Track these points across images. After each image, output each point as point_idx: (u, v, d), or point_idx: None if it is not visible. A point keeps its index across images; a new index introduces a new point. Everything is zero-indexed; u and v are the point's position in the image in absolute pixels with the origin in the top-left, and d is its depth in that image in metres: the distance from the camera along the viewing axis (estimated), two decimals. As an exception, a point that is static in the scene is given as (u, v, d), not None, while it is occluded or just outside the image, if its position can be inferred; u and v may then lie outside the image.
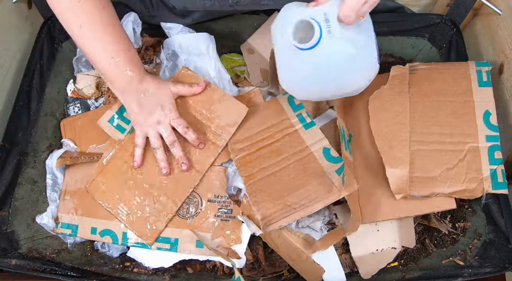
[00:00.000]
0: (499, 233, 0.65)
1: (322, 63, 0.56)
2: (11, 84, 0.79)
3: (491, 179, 0.64)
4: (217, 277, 0.69)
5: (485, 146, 0.66)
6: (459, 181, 0.65)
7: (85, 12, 0.61)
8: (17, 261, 0.64)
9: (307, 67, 0.57)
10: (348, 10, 0.50)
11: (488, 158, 0.66)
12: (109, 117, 0.73)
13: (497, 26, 0.76)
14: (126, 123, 0.73)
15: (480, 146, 0.66)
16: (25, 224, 0.70)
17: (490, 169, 0.65)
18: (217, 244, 0.68)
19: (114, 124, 0.73)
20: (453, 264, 0.66)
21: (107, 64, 0.64)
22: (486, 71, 0.70)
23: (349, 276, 0.68)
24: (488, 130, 0.67)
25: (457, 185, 0.65)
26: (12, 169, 0.70)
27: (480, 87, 0.69)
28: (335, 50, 0.54)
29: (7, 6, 0.78)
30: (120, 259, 0.71)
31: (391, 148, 0.67)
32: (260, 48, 0.86)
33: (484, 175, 0.65)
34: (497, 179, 0.65)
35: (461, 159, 0.66)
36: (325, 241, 0.65)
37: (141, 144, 0.68)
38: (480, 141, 0.66)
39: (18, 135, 0.73)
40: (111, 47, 0.64)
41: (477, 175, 0.65)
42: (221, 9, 0.78)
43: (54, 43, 0.83)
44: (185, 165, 0.68)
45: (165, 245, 0.68)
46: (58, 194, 0.73)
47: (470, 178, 0.65)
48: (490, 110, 0.68)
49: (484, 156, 0.66)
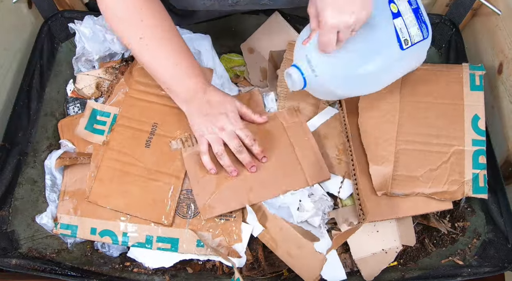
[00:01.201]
0: (498, 233, 0.65)
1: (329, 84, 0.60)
2: (11, 84, 0.79)
3: (472, 183, 0.65)
4: (216, 276, 0.69)
5: (470, 150, 0.67)
6: (441, 183, 0.65)
7: (147, 24, 0.62)
8: (17, 260, 0.64)
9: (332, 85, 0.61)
10: (323, 46, 0.53)
11: (472, 162, 0.66)
12: (84, 124, 0.74)
13: (496, 26, 0.77)
14: (102, 125, 0.75)
15: (466, 149, 0.67)
16: (25, 223, 0.70)
17: (472, 173, 0.66)
18: (218, 243, 0.68)
19: (91, 130, 0.74)
20: (452, 264, 0.66)
21: (170, 74, 0.65)
22: (479, 75, 0.71)
23: (349, 276, 0.68)
24: (475, 134, 0.67)
25: (439, 186, 0.65)
26: (12, 169, 0.70)
27: (472, 91, 0.70)
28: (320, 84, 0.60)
29: (7, 6, 0.78)
30: (120, 259, 0.71)
31: (377, 145, 0.67)
32: (260, 48, 0.86)
33: (466, 179, 0.65)
34: (478, 184, 0.65)
35: (445, 161, 0.67)
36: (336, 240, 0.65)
37: (206, 150, 0.67)
38: (466, 145, 0.67)
39: (18, 135, 0.73)
40: (174, 56, 0.64)
41: (459, 178, 0.65)
42: (221, 9, 0.78)
43: (54, 43, 0.83)
44: (254, 168, 0.68)
45: (165, 245, 0.68)
46: (57, 194, 0.73)
47: (452, 180, 0.65)
48: (479, 114, 0.68)
49: (468, 160, 0.66)
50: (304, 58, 0.59)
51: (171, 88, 0.67)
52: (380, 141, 0.68)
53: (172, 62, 0.65)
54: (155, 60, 0.65)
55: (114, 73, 0.80)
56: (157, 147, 0.72)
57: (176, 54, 0.65)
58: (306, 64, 0.59)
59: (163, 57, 0.64)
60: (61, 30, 0.83)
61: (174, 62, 0.65)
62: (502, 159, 0.73)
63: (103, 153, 0.71)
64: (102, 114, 0.76)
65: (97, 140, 0.74)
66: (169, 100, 0.74)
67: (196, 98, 0.66)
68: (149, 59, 0.65)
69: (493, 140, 0.71)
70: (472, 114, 0.68)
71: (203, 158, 0.67)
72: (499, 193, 0.66)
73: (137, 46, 0.64)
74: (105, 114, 0.76)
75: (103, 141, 0.73)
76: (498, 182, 0.67)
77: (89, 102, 0.77)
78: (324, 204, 0.70)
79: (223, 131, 0.66)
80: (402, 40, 0.60)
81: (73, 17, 0.81)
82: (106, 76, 0.80)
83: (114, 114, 0.75)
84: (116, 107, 0.76)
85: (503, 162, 0.72)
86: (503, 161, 0.72)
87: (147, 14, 0.63)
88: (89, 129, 0.74)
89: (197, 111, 0.66)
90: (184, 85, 0.66)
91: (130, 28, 0.64)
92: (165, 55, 0.64)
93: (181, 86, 0.66)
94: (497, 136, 0.74)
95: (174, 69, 0.65)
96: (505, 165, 0.72)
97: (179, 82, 0.66)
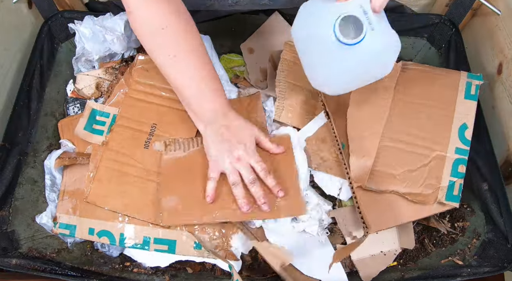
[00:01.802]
0: (498, 233, 0.65)
1: (365, 54, 0.57)
2: (11, 84, 0.79)
3: (447, 190, 0.65)
4: (216, 277, 0.69)
5: (452, 158, 0.67)
6: (417, 185, 0.66)
7: (171, 40, 0.61)
8: (17, 260, 0.64)
9: (350, 61, 0.58)
10: (379, 4, 0.53)
11: (451, 169, 0.66)
12: (83, 125, 0.74)
13: (496, 26, 0.77)
14: (101, 125, 0.74)
15: (447, 156, 0.67)
16: (25, 223, 0.70)
17: (449, 180, 0.66)
18: (215, 245, 0.68)
19: (90, 130, 0.74)
20: (452, 264, 0.66)
21: (193, 93, 0.63)
22: (476, 84, 0.70)
23: (349, 276, 0.68)
24: (460, 143, 0.68)
25: (414, 187, 0.65)
26: (12, 169, 0.70)
27: (465, 99, 0.70)
28: (374, 40, 0.56)
29: (8, 6, 0.78)
30: (120, 258, 0.71)
31: (361, 138, 0.67)
32: (260, 48, 0.86)
33: (441, 185, 0.66)
34: (453, 192, 0.66)
35: (425, 164, 0.67)
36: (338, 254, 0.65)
37: (215, 177, 0.65)
38: (448, 151, 0.67)
39: (18, 135, 0.73)
40: (200, 75, 0.63)
41: (435, 183, 0.66)
42: (221, 9, 0.78)
43: (54, 43, 0.83)
44: (265, 206, 0.64)
45: (163, 246, 0.67)
46: (56, 194, 0.73)
47: (427, 184, 0.66)
48: (468, 124, 0.68)
49: (448, 167, 0.66)
50: (358, 8, 0.55)
51: (191, 107, 0.66)
52: (365, 134, 0.68)
53: (196, 82, 0.63)
54: (180, 75, 0.63)
55: (114, 73, 0.81)
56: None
57: (202, 73, 0.63)
58: (363, 15, 0.55)
59: (188, 76, 0.63)
60: (61, 30, 0.83)
61: (199, 82, 0.63)
62: (502, 159, 0.73)
63: (102, 153, 0.71)
64: (101, 114, 0.76)
65: (96, 141, 0.74)
66: (168, 101, 0.74)
67: (215, 121, 0.64)
68: (174, 74, 0.63)
69: (493, 140, 0.71)
70: (461, 122, 0.69)
71: (210, 183, 0.65)
72: (499, 193, 0.66)
73: (164, 59, 0.63)
74: (104, 114, 0.76)
75: (102, 142, 0.73)
76: (498, 182, 0.67)
77: (89, 102, 0.77)
78: (320, 212, 0.69)
79: (239, 161, 0.64)
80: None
81: (73, 17, 0.81)
82: (106, 76, 0.81)
83: (114, 114, 0.75)
84: (115, 108, 0.76)
85: (503, 162, 0.72)
86: (503, 161, 0.72)
87: (179, 30, 0.62)
88: (88, 129, 0.74)
89: (214, 134, 0.64)
90: (205, 107, 0.64)
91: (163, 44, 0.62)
92: (191, 73, 0.63)
93: (201, 107, 0.65)
94: (497, 136, 0.74)
95: (198, 89, 0.63)
96: (505, 165, 0.72)
97: (201, 102, 0.64)
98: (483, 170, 0.69)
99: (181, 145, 0.70)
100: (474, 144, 0.70)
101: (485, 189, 0.68)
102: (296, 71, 0.78)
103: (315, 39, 0.58)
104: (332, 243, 0.70)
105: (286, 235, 0.68)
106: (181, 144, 0.71)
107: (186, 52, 0.62)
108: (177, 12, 0.62)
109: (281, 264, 0.63)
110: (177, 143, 0.71)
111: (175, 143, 0.71)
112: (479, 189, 0.69)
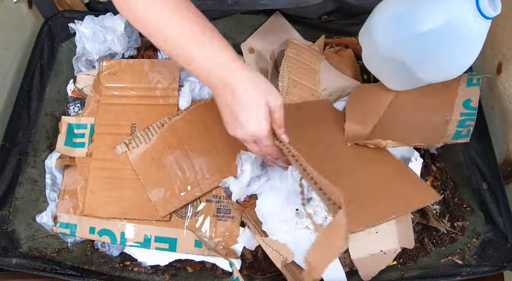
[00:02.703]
0: (498, 232, 0.65)
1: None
2: (12, 83, 0.79)
3: (457, 124, 0.64)
4: (216, 276, 0.70)
5: (457, 119, 0.66)
6: (424, 124, 0.66)
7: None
8: (17, 260, 0.64)
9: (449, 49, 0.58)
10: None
11: (461, 109, 0.66)
12: (63, 141, 0.74)
13: (496, 25, 0.77)
14: (81, 138, 0.74)
15: (453, 118, 0.66)
16: (26, 223, 0.70)
17: (460, 113, 0.65)
18: (216, 243, 0.68)
19: (71, 144, 0.74)
20: (451, 263, 0.66)
21: (198, 46, 0.51)
22: (477, 78, 0.71)
23: (348, 275, 0.68)
24: (464, 109, 0.66)
25: (420, 131, 0.65)
26: (13, 169, 0.70)
27: (468, 87, 0.70)
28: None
29: (8, 6, 0.78)
30: (120, 258, 0.71)
31: (362, 112, 0.69)
32: (260, 48, 0.86)
33: (452, 117, 0.64)
34: (462, 131, 0.63)
35: (433, 112, 0.66)
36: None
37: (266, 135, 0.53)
38: (454, 115, 0.66)
39: (18, 135, 0.73)
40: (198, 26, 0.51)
41: (446, 116, 0.65)
42: (221, 9, 0.78)
43: (55, 43, 0.83)
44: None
45: (164, 245, 0.68)
46: (57, 193, 0.73)
47: (436, 120, 0.65)
48: (473, 99, 0.67)
49: (457, 108, 0.66)
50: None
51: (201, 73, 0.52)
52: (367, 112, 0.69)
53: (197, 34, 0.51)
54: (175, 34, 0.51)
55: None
56: None
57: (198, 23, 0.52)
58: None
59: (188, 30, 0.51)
60: (62, 30, 0.83)
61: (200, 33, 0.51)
62: (501, 159, 0.73)
63: (88, 165, 0.71)
64: (78, 127, 0.75)
65: (80, 154, 0.73)
66: (143, 99, 0.74)
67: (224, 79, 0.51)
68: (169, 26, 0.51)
69: (493, 139, 0.71)
70: (465, 98, 0.68)
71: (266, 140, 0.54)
72: (498, 193, 0.66)
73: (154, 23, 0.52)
74: (81, 126, 0.75)
75: (86, 153, 0.73)
76: (497, 181, 0.67)
77: (64, 118, 0.76)
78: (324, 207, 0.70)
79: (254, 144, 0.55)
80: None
81: (73, 17, 0.81)
82: (106, 76, 0.81)
83: (91, 124, 0.75)
84: (91, 117, 0.75)
85: (502, 161, 0.73)
86: (502, 161, 0.73)
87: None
88: (69, 144, 0.74)
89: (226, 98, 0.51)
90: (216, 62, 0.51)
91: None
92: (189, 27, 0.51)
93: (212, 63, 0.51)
94: (496, 136, 0.74)
95: (202, 43, 0.51)
96: (504, 164, 0.72)
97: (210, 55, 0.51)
98: (482, 170, 0.69)
99: (141, 139, 0.71)
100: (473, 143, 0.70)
101: (484, 189, 0.68)
102: (299, 69, 0.78)
103: (403, 36, 0.59)
104: (332, 242, 0.70)
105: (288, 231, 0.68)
106: (141, 137, 0.71)
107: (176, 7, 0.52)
108: None
109: (282, 261, 0.63)
110: (137, 139, 0.71)
111: (135, 139, 0.71)
112: (479, 188, 0.69)
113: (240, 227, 0.69)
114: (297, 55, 0.79)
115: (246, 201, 0.70)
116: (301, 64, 0.79)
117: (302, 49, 0.80)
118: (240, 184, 0.68)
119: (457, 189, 0.73)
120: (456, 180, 0.74)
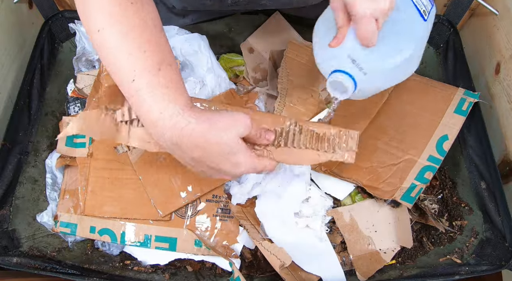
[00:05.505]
0: (496, 231, 0.66)
1: (376, 80, 0.55)
2: (12, 83, 0.79)
3: (406, 191, 0.68)
4: (216, 275, 0.70)
5: (422, 164, 0.69)
6: (379, 180, 0.69)
7: (105, 10, 0.43)
8: (18, 259, 0.64)
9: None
10: (366, 40, 0.47)
11: (418, 173, 0.69)
12: (64, 142, 0.73)
13: (493, 26, 0.77)
14: (82, 138, 0.73)
15: (418, 161, 0.69)
16: (26, 222, 0.70)
17: (412, 183, 0.68)
18: (216, 243, 0.68)
19: (71, 145, 0.73)
20: (450, 262, 0.66)
21: (126, 90, 0.44)
22: (470, 101, 0.72)
23: (348, 274, 0.68)
24: (435, 151, 0.70)
25: (376, 182, 0.69)
26: (13, 168, 0.71)
27: (454, 113, 0.72)
28: (377, 70, 0.53)
29: (8, 6, 0.79)
30: (120, 257, 0.71)
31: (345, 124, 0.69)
32: (260, 48, 0.86)
33: (402, 185, 0.68)
34: (411, 193, 0.68)
35: (394, 164, 0.70)
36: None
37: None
38: (421, 157, 0.70)
39: (19, 134, 0.73)
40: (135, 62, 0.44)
41: (397, 183, 0.68)
42: (221, 9, 0.78)
43: (55, 43, 0.84)
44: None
45: (164, 244, 0.68)
46: (57, 193, 0.73)
47: (389, 182, 0.69)
48: (449, 136, 0.70)
49: (415, 171, 0.69)
50: (346, 59, 0.52)
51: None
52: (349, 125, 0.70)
53: (127, 75, 0.44)
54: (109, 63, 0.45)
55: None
56: None
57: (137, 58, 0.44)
58: (351, 65, 0.52)
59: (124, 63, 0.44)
60: (62, 30, 0.83)
61: (131, 75, 0.44)
62: (499, 159, 0.73)
63: (89, 165, 0.71)
64: None
65: (81, 154, 0.72)
66: None
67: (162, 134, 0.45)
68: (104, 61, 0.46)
69: (491, 139, 0.71)
70: (442, 133, 0.71)
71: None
72: (496, 192, 0.67)
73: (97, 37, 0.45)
74: None
75: (87, 153, 0.72)
76: (496, 181, 0.67)
77: (64, 118, 0.76)
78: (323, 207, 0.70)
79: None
80: (421, 11, 0.55)
81: (74, 17, 0.81)
82: (106, 75, 0.81)
83: None
84: None
85: (501, 161, 0.73)
86: (501, 160, 0.73)
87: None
88: (69, 145, 0.73)
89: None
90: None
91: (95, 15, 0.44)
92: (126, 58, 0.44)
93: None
94: (494, 136, 0.74)
95: (130, 88, 0.44)
96: (502, 164, 0.73)
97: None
98: (481, 169, 0.69)
99: None
100: (472, 143, 0.70)
101: (483, 188, 0.69)
102: (299, 69, 0.79)
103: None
104: (331, 241, 0.70)
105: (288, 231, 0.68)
106: None
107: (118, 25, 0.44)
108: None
109: (280, 265, 0.63)
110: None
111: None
112: (477, 188, 0.69)
113: (240, 227, 0.69)
114: (297, 55, 0.79)
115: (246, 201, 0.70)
116: (301, 64, 0.79)
117: (302, 50, 0.80)
118: (243, 189, 0.68)
119: (455, 189, 0.74)
120: (454, 179, 0.74)
